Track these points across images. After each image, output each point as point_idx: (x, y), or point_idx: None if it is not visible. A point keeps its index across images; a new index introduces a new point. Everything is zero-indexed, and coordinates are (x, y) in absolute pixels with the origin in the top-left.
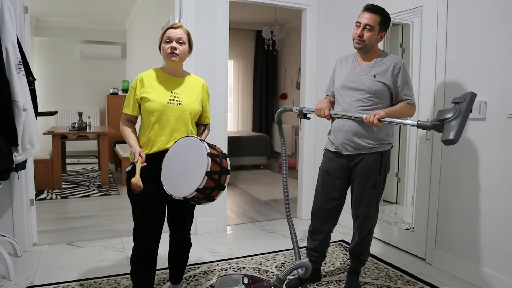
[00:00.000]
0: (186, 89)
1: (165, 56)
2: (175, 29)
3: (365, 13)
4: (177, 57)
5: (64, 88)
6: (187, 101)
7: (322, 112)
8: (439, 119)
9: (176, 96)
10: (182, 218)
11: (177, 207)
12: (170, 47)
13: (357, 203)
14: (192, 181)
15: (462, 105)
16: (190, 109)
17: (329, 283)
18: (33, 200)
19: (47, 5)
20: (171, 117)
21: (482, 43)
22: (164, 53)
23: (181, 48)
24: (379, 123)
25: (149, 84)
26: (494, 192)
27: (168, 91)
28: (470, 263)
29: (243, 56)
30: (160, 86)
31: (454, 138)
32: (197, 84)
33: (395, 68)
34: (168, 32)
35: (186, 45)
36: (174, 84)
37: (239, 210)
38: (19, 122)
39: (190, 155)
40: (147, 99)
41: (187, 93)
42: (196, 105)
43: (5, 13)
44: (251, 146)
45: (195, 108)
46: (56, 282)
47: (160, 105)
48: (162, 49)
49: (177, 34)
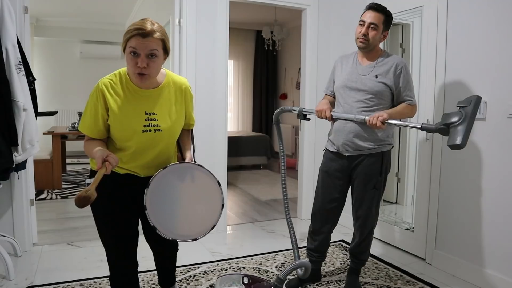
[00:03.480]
0: (164, 106)
1: (131, 73)
2: (143, 37)
3: (369, 12)
4: (147, 77)
5: (64, 88)
6: (167, 124)
7: (323, 113)
8: (444, 123)
9: (153, 118)
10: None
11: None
12: (136, 65)
13: (357, 204)
14: (207, 218)
15: (467, 108)
16: (170, 134)
17: (329, 283)
18: (33, 200)
19: (47, 5)
20: (148, 145)
21: (482, 43)
22: (129, 68)
23: (153, 65)
24: (382, 125)
25: (114, 101)
26: (494, 192)
27: (141, 113)
28: (470, 263)
29: (243, 56)
30: (129, 104)
31: (461, 143)
32: (177, 91)
33: (397, 69)
34: (133, 41)
35: (161, 56)
36: (148, 101)
37: (239, 210)
38: (19, 122)
39: (192, 189)
40: (113, 123)
41: (166, 111)
42: (179, 123)
43: (5, 13)
44: (251, 146)
45: (177, 130)
46: (56, 282)
47: (131, 133)
48: (126, 60)
49: (148, 46)
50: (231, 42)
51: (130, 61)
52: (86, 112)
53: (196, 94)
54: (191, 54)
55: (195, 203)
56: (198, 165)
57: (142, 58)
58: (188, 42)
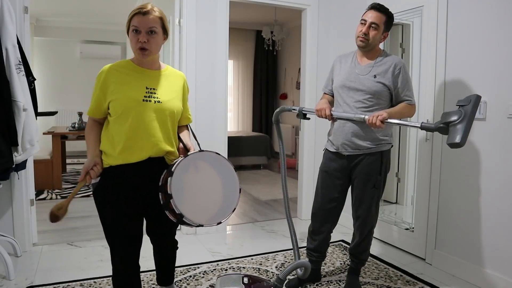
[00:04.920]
0: (164, 85)
1: (134, 50)
2: (144, 14)
3: (371, 12)
4: (148, 53)
5: (64, 88)
6: (166, 98)
7: (323, 112)
8: (444, 121)
9: (153, 92)
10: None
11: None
12: (138, 40)
13: (357, 203)
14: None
15: (467, 107)
16: (170, 108)
17: (329, 283)
18: (33, 200)
19: (47, 5)
20: (147, 118)
21: (482, 43)
22: (132, 45)
23: (153, 40)
24: (382, 124)
25: (118, 79)
26: (494, 192)
27: (142, 87)
28: (470, 263)
29: (243, 56)
30: (132, 80)
31: (460, 142)
32: (177, 78)
33: (395, 69)
34: (135, 19)
35: (160, 34)
36: (149, 79)
37: (239, 210)
38: (19, 122)
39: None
40: (116, 96)
41: (166, 89)
42: (177, 103)
43: (5, 13)
44: (251, 146)
45: (177, 107)
46: (56, 282)
47: (133, 102)
48: (130, 39)
49: (148, 22)
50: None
51: (132, 38)
52: (93, 94)
53: (196, 94)
54: (191, 54)
55: (216, 189)
56: (216, 153)
57: (143, 34)
58: (188, 42)
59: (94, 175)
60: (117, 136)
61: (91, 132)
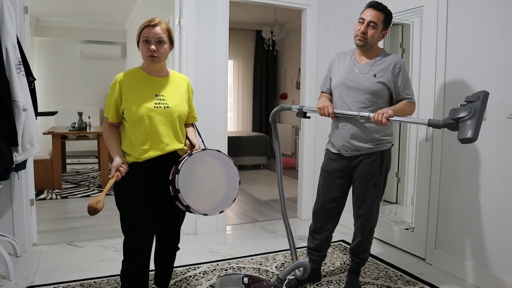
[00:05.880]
0: (171, 90)
1: (144, 58)
2: (153, 27)
3: (369, 10)
4: (158, 60)
5: (64, 88)
6: (174, 103)
7: (325, 110)
8: (453, 117)
9: (162, 99)
10: (172, 218)
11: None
12: (148, 49)
13: (358, 203)
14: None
15: (476, 103)
16: (178, 111)
17: (329, 283)
18: (33, 200)
19: (47, 5)
20: (158, 122)
21: (482, 43)
22: (143, 54)
23: (161, 49)
24: (387, 121)
25: (131, 88)
26: (494, 192)
27: (153, 95)
28: (470, 263)
29: (243, 56)
30: (143, 89)
31: (473, 137)
32: (181, 82)
33: (395, 68)
34: (145, 31)
35: (167, 43)
36: (158, 86)
37: (239, 210)
38: (19, 122)
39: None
40: (130, 104)
41: (173, 94)
42: (183, 106)
43: (5, 13)
44: (251, 146)
45: (183, 110)
46: (56, 282)
47: (146, 110)
48: (140, 49)
49: (157, 33)
50: (231, 42)
51: (143, 47)
52: (108, 100)
53: (196, 94)
54: (191, 54)
55: (219, 181)
56: (218, 150)
57: (152, 43)
58: (188, 42)
59: (123, 172)
60: (134, 139)
61: (112, 136)
